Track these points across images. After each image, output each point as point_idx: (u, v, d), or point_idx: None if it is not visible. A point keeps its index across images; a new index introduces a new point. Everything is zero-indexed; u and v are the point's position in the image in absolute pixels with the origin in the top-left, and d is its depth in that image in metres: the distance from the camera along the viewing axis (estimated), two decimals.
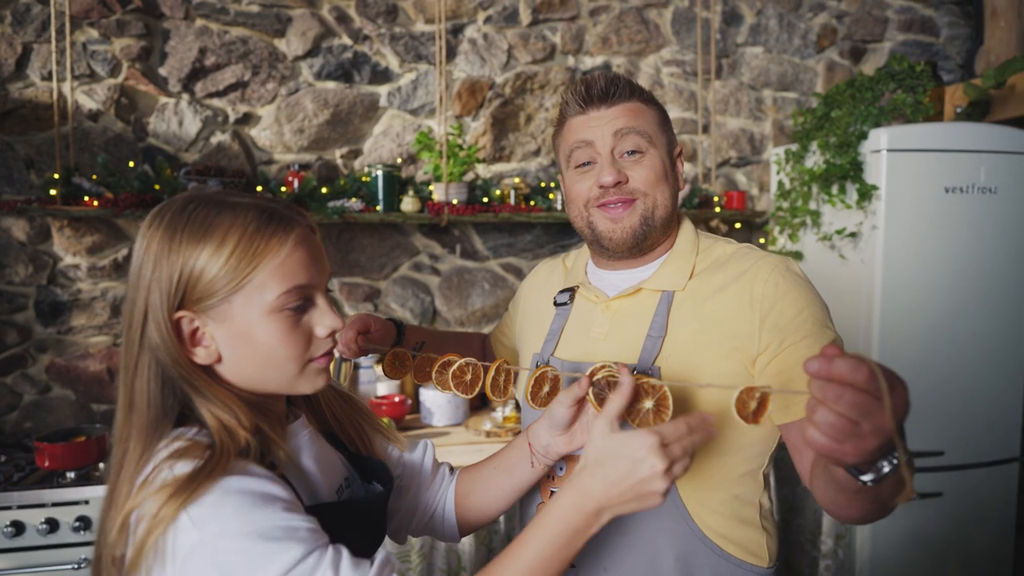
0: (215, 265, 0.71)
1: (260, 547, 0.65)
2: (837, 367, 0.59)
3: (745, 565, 1.01)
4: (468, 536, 2.02)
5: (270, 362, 0.75)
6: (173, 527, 0.65)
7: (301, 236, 0.76)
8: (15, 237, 2.38)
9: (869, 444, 0.60)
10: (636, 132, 1.04)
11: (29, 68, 2.37)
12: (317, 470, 0.84)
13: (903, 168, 2.17)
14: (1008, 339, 2.29)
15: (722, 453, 1.00)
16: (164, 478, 0.67)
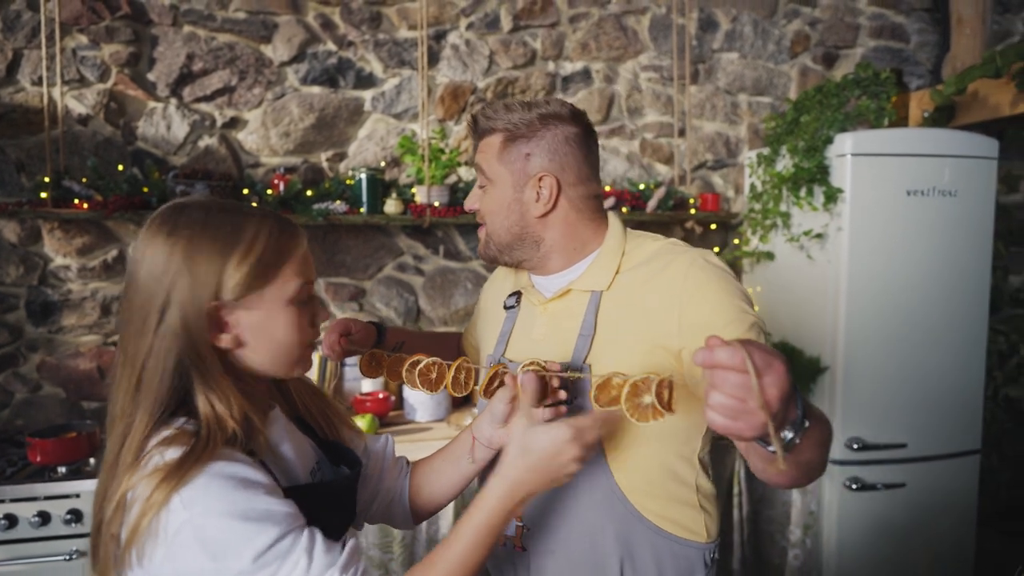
0: (248, 263, 0.81)
1: (241, 527, 0.73)
2: (718, 355, 0.66)
3: (682, 541, 1.09)
4: (448, 527, 2.10)
5: (282, 347, 0.86)
6: (165, 508, 0.73)
7: (305, 240, 0.90)
8: (6, 239, 2.44)
9: (758, 419, 0.67)
10: (481, 167, 1.16)
11: (19, 73, 2.42)
12: (293, 454, 0.92)
13: (867, 171, 2.26)
14: (968, 336, 2.38)
15: (653, 440, 1.08)
16: (156, 463, 0.75)
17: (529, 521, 1.11)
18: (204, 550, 0.72)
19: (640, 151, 2.97)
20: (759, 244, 2.67)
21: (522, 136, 1.11)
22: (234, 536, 0.73)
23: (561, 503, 1.09)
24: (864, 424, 2.33)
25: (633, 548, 1.08)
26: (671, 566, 1.09)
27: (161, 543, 0.73)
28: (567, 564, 1.08)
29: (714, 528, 1.15)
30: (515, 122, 1.11)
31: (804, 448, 0.80)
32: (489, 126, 1.13)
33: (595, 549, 1.08)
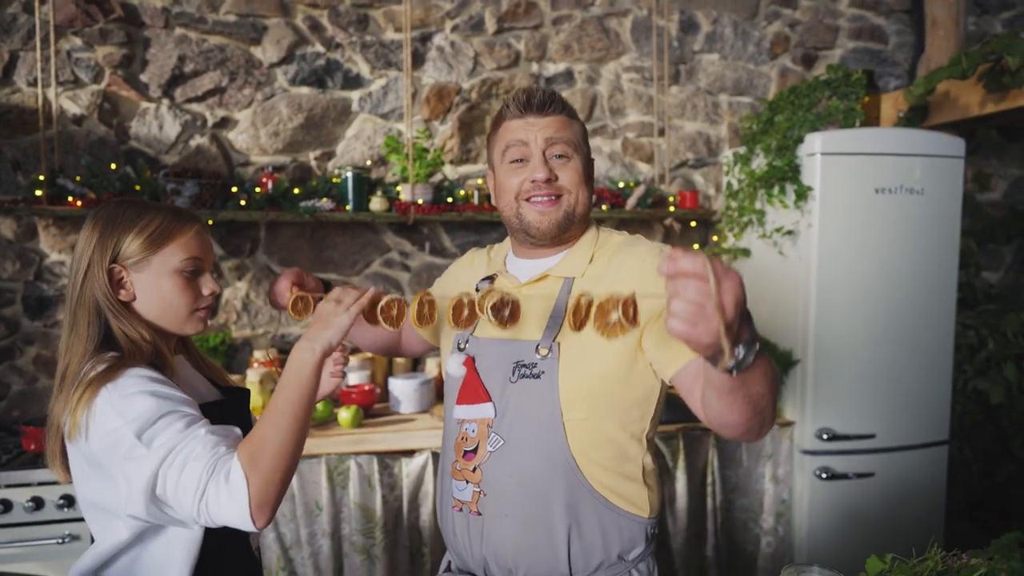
0: (139, 238, 1.10)
1: (147, 399, 0.99)
2: (681, 263, 0.73)
3: (627, 515, 1.18)
4: (428, 513, 2.17)
5: (170, 305, 1.13)
6: (95, 396, 0.99)
7: (200, 229, 1.16)
8: (3, 235, 2.51)
9: (714, 322, 0.72)
10: (564, 141, 1.22)
11: (16, 75, 2.50)
12: (198, 385, 1.22)
13: (836, 170, 2.33)
14: (936, 329, 2.45)
15: (607, 418, 1.17)
16: (92, 374, 1.02)
17: (486, 487, 1.19)
18: (117, 414, 0.98)
19: (622, 150, 3.04)
20: (735, 241, 2.74)
21: (579, 122, 1.28)
22: (140, 405, 0.99)
23: (518, 471, 1.17)
24: (834, 415, 2.40)
25: (581, 517, 1.16)
26: (615, 537, 1.17)
27: (92, 418, 0.99)
28: (519, 528, 1.16)
29: (656, 504, 1.23)
30: (575, 111, 1.28)
31: (754, 378, 0.87)
32: (568, 109, 1.25)
33: (546, 515, 1.16)
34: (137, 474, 0.95)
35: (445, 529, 1.28)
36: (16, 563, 1.97)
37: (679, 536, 2.36)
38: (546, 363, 1.17)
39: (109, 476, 1.00)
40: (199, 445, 0.97)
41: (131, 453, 0.96)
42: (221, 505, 0.95)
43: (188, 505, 0.95)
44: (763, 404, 0.94)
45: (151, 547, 1.07)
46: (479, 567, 1.21)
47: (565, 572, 1.17)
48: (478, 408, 1.22)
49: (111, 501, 1.02)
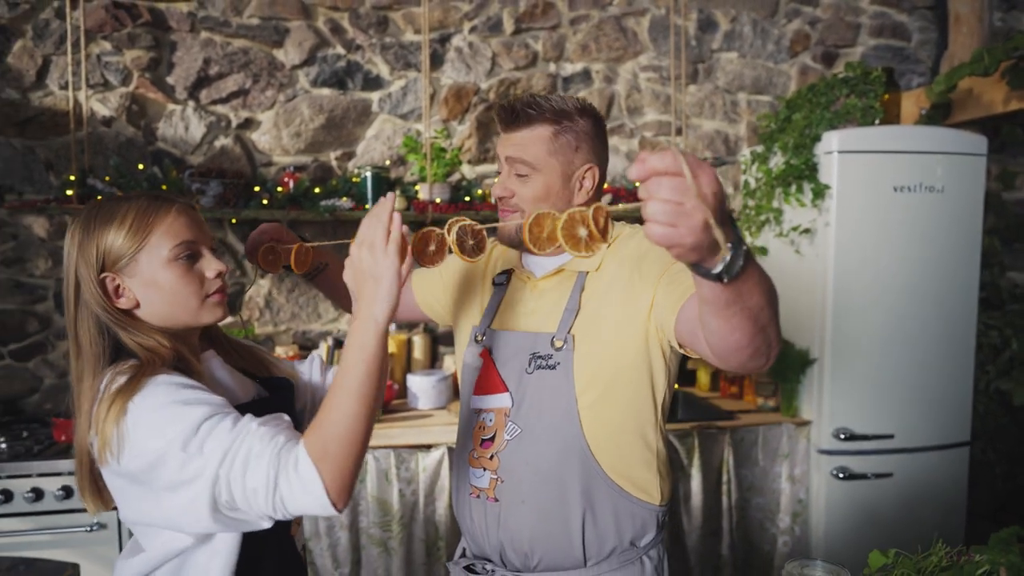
0: (119, 236, 0.99)
1: (181, 409, 0.91)
2: (651, 162, 0.68)
3: (639, 502, 1.21)
4: (444, 507, 2.20)
5: (176, 299, 1.02)
6: (123, 413, 0.90)
7: (181, 208, 1.03)
8: (36, 234, 2.60)
9: (696, 218, 0.67)
10: (521, 160, 1.19)
11: (48, 78, 2.58)
12: (232, 384, 1.10)
13: (854, 168, 2.31)
14: (956, 329, 2.43)
15: (621, 408, 1.20)
16: (113, 387, 0.93)
17: (503, 474, 1.22)
18: (154, 431, 0.89)
19: (640, 149, 3.05)
20: (752, 240, 2.74)
21: (569, 128, 1.20)
22: (175, 416, 0.90)
23: (534, 459, 1.20)
24: (851, 415, 2.38)
25: (595, 504, 1.19)
26: (628, 523, 1.20)
27: (125, 439, 0.90)
28: (535, 514, 1.19)
29: (667, 492, 1.26)
30: (561, 113, 1.19)
31: (749, 288, 0.80)
32: (534, 116, 1.18)
33: (562, 502, 1.19)
34: (195, 492, 0.88)
35: (462, 515, 1.31)
36: (47, 549, 2.04)
37: (694, 534, 2.37)
38: (561, 354, 1.20)
39: (153, 493, 0.92)
40: (256, 441, 0.90)
41: (181, 472, 0.88)
42: (296, 498, 0.90)
43: (262, 504, 0.89)
44: (764, 319, 0.86)
45: (196, 552, 0.99)
46: (495, 552, 1.24)
47: (579, 557, 1.20)
48: (495, 398, 1.25)
49: (157, 517, 0.95)
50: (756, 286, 0.81)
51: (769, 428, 2.43)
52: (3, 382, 2.62)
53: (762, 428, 2.43)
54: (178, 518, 0.92)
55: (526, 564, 1.22)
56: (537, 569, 1.21)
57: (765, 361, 0.95)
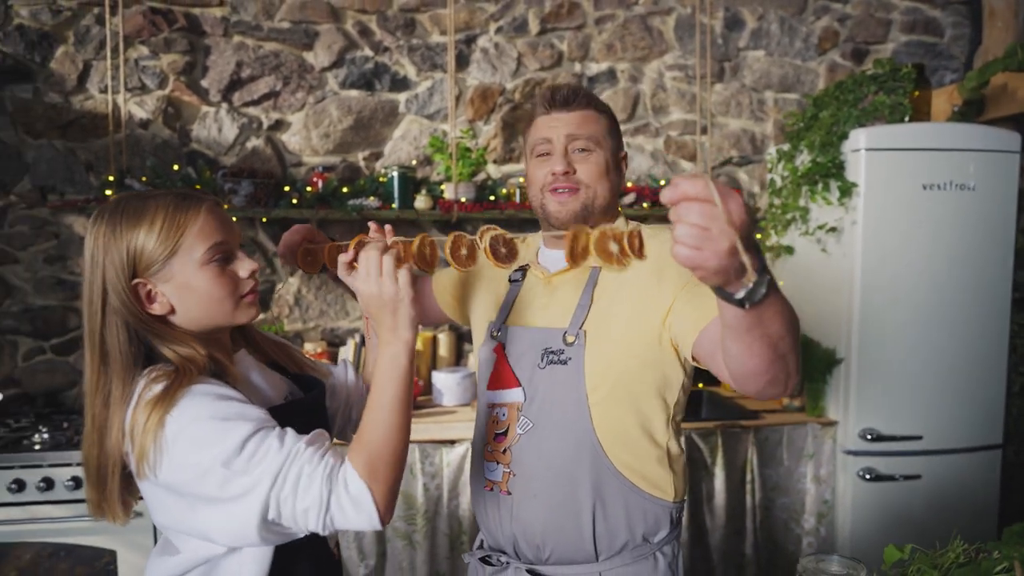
0: (151, 239, 0.95)
1: (223, 424, 0.90)
2: (682, 187, 0.71)
3: (651, 497, 1.21)
4: (467, 502, 2.23)
5: (211, 302, 1.00)
6: (161, 426, 0.89)
7: (209, 208, 1.00)
8: (76, 232, 2.69)
9: (722, 244, 0.70)
10: (585, 136, 1.25)
11: (88, 82, 2.67)
12: (264, 384, 1.09)
13: (882, 166, 2.29)
14: (988, 330, 2.38)
15: (632, 403, 1.20)
16: (149, 396, 0.91)
17: (516, 468, 1.24)
18: (195, 446, 0.89)
19: (664, 148, 3.05)
20: (778, 239, 2.72)
21: (614, 119, 1.32)
22: (217, 432, 0.89)
23: (546, 453, 1.22)
24: (878, 416, 2.36)
25: (606, 498, 1.20)
26: (640, 519, 1.21)
27: (164, 452, 0.89)
28: (547, 508, 1.21)
29: (681, 488, 1.26)
30: (602, 104, 1.31)
31: (770, 315, 0.82)
32: (589, 101, 1.29)
33: (573, 496, 1.20)
34: (244, 510, 0.89)
35: (477, 508, 1.33)
36: (86, 536, 2.12)
37: (717, 533, 2.36)
38: (573, 350, 1.21)
39: (189, 505, 0.93)
40: (306, 463, 0.91)
41: (224, 490, 0.89)
42: (347, 518, 0.92)
43: (312, 523, 0.91)
44: (783, 348, 0.88)
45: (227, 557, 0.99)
46: (509, 544, 1.26)
47: (591, 551, 1.21)
48: (508, 393, 1.27)
49: (192, 527, 0.95)
50: (778, 314, 0.84)
51: (794, 428, 2.42)
52: (44, 375, 2.72)
53: (787, 428, 2.41)
54: (215, 531, 0.93)
55: (538, 557, 1.24)
56: (549, 562, 1.23)
57: (782, 389, 0.97)
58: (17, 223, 2.67)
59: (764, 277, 0.77)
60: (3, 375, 2.70)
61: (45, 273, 2.69)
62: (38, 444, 2.18)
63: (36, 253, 2.68)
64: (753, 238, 0.75)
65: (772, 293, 0.80)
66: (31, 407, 2.64)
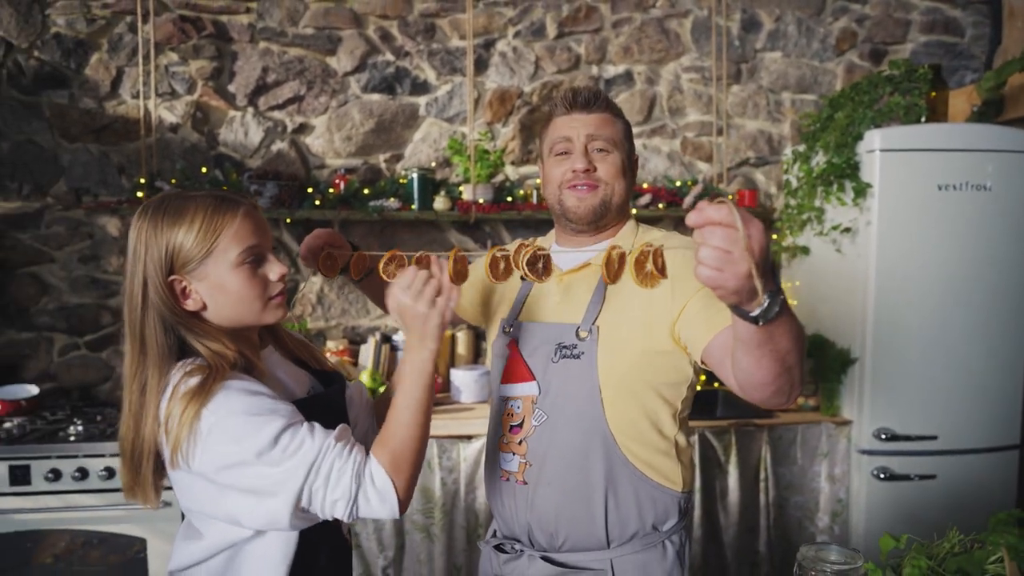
0: (189, 239, 1.00)
1: (256, 419, 0.96)
2: (707, 212, 0.76)
3: (660, 487, 1.26)
4: (484, 498, 2.28)
5: (241, 302, 1.05)
6: (197, 418, 0.95)
7: (246, 211, 1.05)
8: (109, 233, 2.80)
9: (741, 267, 0.76)
10: (604, 137, 1.31)
11: (121, 88, 2.77)
12: (288, 379, 1.16)
13: (896, 167, 2.30)
14: (1005, 330, 2.38)
15: (643, 396, 1.25)
16: (183, 389, 0.96)
17: (531, 458, 1.29)
18: (229, 439, 0.95)
19: (681, 150, 3.08)
20: (793, 239, 2.74)
21: (628, 123, 1.38)
22: (251, 426, 0.95)
23: (560, 443, 1.27)
24: (893, 415, 2.37)
25: (617, 487, 1.25)
26: (649, 507, 1.26)
27: (198, 443, 0.95)
28: (561, 495, 1.26)
29: (689, 479, 1.31)
30: (618, 108, 1.37)
31: (780, 332, 0.88)
32: (607, 104, 1.34)
33: (586, 485, 1.25)
34: (278, 501, 0.96)
35: (493, 498, 1.38)
36: (117, 524, 2.21)
37: (731, 530, 2.39)
38: (586, 344, 1.26)
39: (220, 491, 0.99)
40: (336, 458, 0.99)
41: (259, 480, 0.95)
42: (372, 508, 1.01)
43: (340, 513, 1.00)
44: (790, 361, 0.94)
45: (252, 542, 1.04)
46: (524, 533, 1.31)
47: (602, 538, 1.26)
48: (523, 386, 1.32)
49: (220, 512, 1.01)
50: (787, 332, 0.90)
51: (808, 427, 2.44)
52: (79, 370, 2.83)
53: (801, 427, 2.43)
54: (246, 516, 0.99)
55: (552, 544, 1.28)
56: (563, 549, 1.28)
57: (786, 399, 1.04)
58: (53, 224, 2.78)
59: (777, 298, 0.83)
60: (40, 370, 2.81)
61: (79, 272, 2.80)
62: (73, 436, 2.27)
63: (71, 253, 2.79)
64: (769, 261, 0.81)
65: (784, 311, 0.86)
66: (66, 400, 2.75)
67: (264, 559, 1.03)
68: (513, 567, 1.32)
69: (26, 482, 2.16)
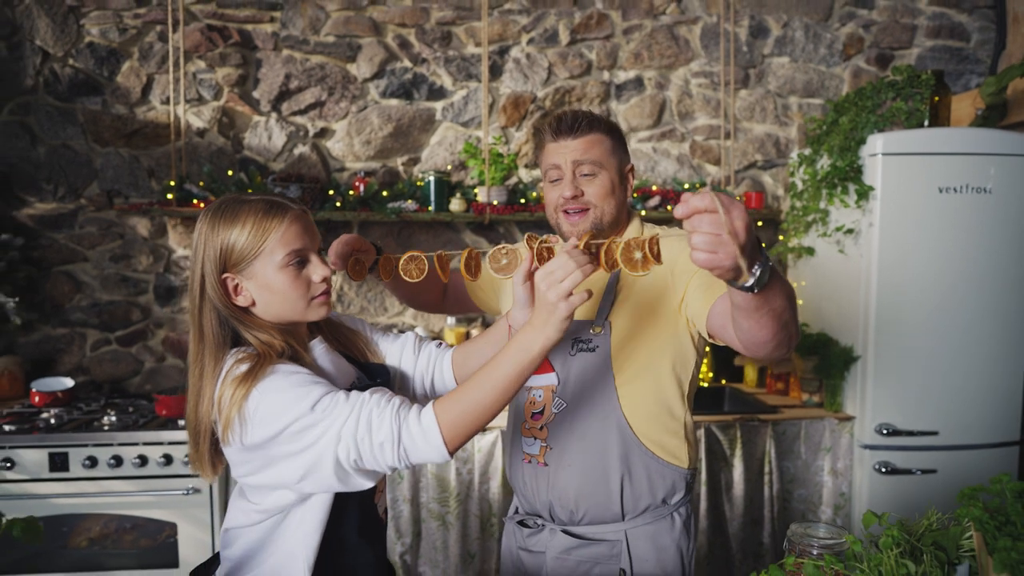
0: (240, 240, 1.10)
1: (297, 390, 1.05)
2: (692, 203, 0.82)
3: (669, 465, 1.38)
4: (497, 486, 2.38)
5: (286, 301, 1.13)
6: (246, 399, 1.04)
7: (294, 216, 1.13)
8: (140, 233, 2.92)
9: (731, 247, 0.82)
10: (590, 160, 1.38)
11: (151, 95, 2.90)
12: (334, 370, 1.23)
13: (898, 170, 2.37)
14: (1005, 328, 2.44)
15: (653, 383, 1.36)
16: (235, 373, 1.07)
17: (552, 442, 1.40)
18: (274, 413, 1.04)
19: (690, 153, 3.16)
20: (799, 240, 2.81)
21: (614, 134, 1.42)
22: (292, 398, 1.04)
23: (578, 428, 1.38)
24: (894, 411, 2.44)
25: (631, 467, 1.37)
26: (659, 483, 1.38)
27: (247, 421, 1.05)
28: (580, 476, 1.37)
29: (694, 457, 1.43)
30: (606, 123, 1.42)
31: (774, 293, 0.97)
32: (591, 125, 1.39)
33: (603, 465, 1.37)
34: (317, 454, 1.03)
35: (515, 478, 1.49)
36: (148, 509, 2.33)
37: (736, 522, 2.47)
38: (600, 338, 1.37)
39: (269, 461, 1.07)
40: (374, 406, 1.04)
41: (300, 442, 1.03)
42: (418, 448, 1.05)
43: (389, 456, 1.04)
44: (786, 317, 1.03)
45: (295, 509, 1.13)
46: (545, 509, 1.43)
47: (618, 512, 1.37)
48: (543, 377, 1.43)
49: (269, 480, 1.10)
50: (779, 292, 0.99)
51: (811, 422, 2.51)
52: (110, 364, 2.96)
53: (804, 422, 2.51)
54: (291, 477, 1.07)
55: (572, 519, 1.40)
56: (582, 523, 1.40)
57: (787, 350, 1.12)
58: (86, 224, 2.91)
59: (767, 266, 0.91)
60: (73, 364, 2.94)
61: (111, 271, 2.92)
62: (107, 425, 2.39)
63: (103, 252, 2.92)
64: (755, 236, 0.89)
65: (775, 276, 0.95)
66: (98, 393, 2.88)
67: (301, 525, 1.13)
68: (536, 540, 1.45)
69: (65, 468, 2.29)
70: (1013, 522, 0.94)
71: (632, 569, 1.37)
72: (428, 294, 1.68)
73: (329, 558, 1.17)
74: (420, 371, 1.40)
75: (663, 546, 1.39)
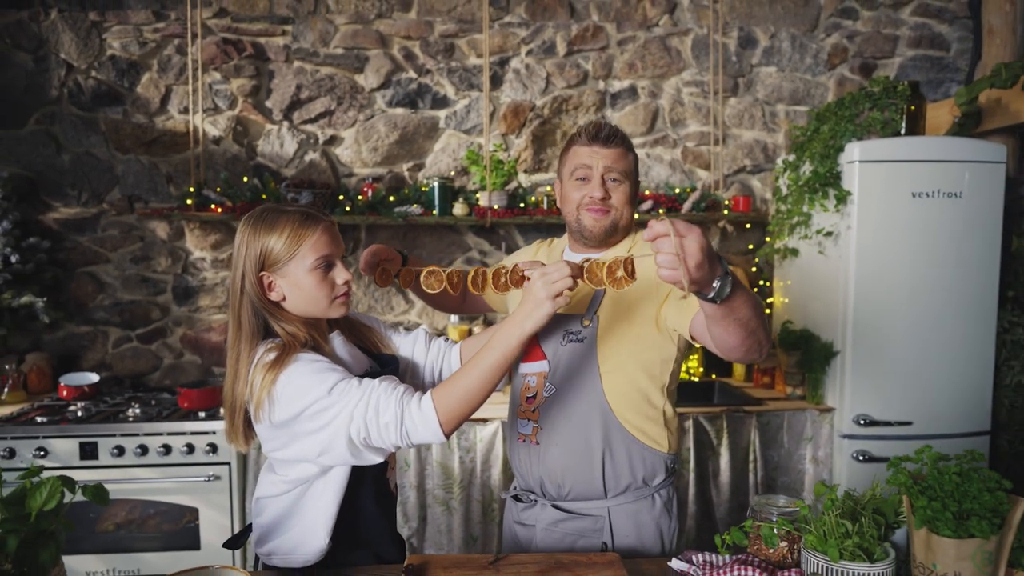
0: (278, 245, 1.26)
1: (317, 375, 1.21)
2: (655, 228, 1.00)
3: (649, 448, 1.52)
4: (498, 473, 2.53)
5: (312, 299, 1.30)
6: (273, 383, 1.20)
7: (325, 227, 1.31)
8: (159, 236, 3.08)
9: (690, 264, 0.99)
10: (619, 171, 1.55)
11: (169, 105, 3.06)
12: (350, 359, 1.40)
13: (873, 176, 2.53)
14: (975, 325, 2.60)
15: (635, 373, 1.51)
16: (264, 361, 1.23)
17: (542, 423, 1.55)
18: (296, 394, 1.20)
19: (682, 158, 3.31)
20: (784, 242, 2.96)
21: (637, 158, 1.60)
22: (313, 382, 1.20)
23: (566, 411, 1.53)
24: (871, 403, 2.59)
25: (613, 447, 1.51)
26: (640, 465, 1.52)
27: (275, 403, 1.21)
28: (566, 454, 1.53)
29: (675, 443, 1.57)
30: (632, 145, 1.59)
31: (738, 304, 1.11)
32: (624, 141, 1.56)
33: (586, 445, 1.52)
34: (334, 430, 1.19)
35: (512, 457, 1.65)
36: (172, 495, 2.49)
37: (723, 507, 2.62)
38: (588, 331, 1.53)
39: (294, 436, 1.23)
40: (380, 391, 1.20)
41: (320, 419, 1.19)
42: (418, 430, 1.20)
43: (394, 435, 1.19)
44: (752, 326, 1.17)
45: (316, 481, 1.30)
46: (537, 485, 1.59)
47: (601, 489, 1.52)
48: (536, 364, 1.58)
49: (293, 454, 1.26)
50: (744, 303, 1.15)
51: (794, 414, 2.66)
52: (131, 360, 3.12)
53: (787, 413, 2.66)
54: (312, 451, 1.23)
55: (560, 494, 1.55)
56: (568, 498, 1.55)
57: (758, 355, 1.29)
58: (108, 228, 3.07)
59: (727, 280, 1.08)
60: (96, 360, 3.11)
61: (132, 272, 3.09)
62: (132, 417, 2.55)
63: (124, 254, 3.08)
64: (714, 254, 1.06)
65: (737, 289, 1.11)
66: (120, 387, 3.04)
67: (323, 494, 1.30)
68: (529, 514, 1.60)
69: (94, 456, 2.45)
70: (931, 486, 1.09)
71: (613, 543, 1.52)
72: (450, 299, 1.86)
73: (348, 525, 1.33)
74: (430, 362, 1.57)
75: (643, 523, 1.53)
